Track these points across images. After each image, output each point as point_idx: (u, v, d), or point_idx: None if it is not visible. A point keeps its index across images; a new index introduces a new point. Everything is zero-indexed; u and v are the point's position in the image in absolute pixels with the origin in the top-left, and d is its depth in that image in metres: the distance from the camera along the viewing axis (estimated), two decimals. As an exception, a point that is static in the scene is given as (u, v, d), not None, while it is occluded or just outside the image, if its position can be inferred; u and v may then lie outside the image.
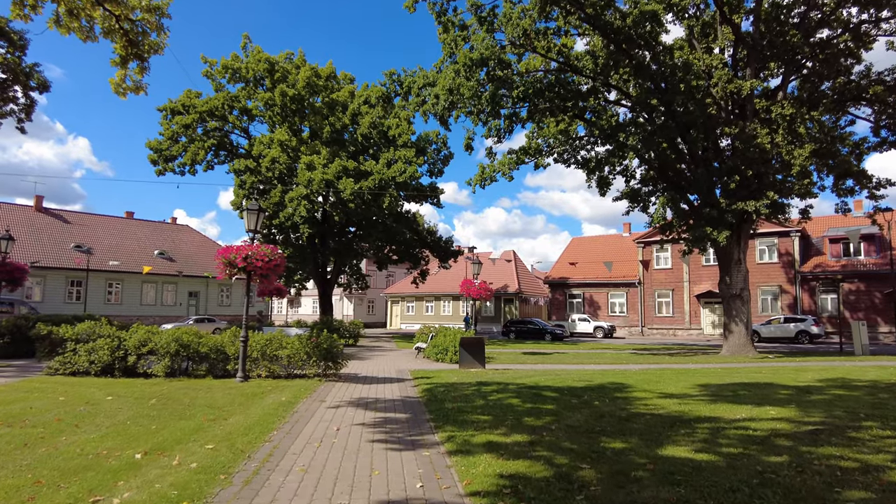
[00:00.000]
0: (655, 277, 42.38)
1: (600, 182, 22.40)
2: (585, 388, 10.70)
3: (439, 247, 37.17)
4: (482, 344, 14.21)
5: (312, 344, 11.87)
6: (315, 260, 34.45)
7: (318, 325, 25.90)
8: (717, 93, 20.79)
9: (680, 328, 41.05)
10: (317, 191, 27.12)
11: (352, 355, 19.61)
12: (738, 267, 21.51)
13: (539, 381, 11.54)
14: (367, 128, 30.88)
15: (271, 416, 7.53)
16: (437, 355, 16.92)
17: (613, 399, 9.36)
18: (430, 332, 19.83)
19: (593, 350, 24.77)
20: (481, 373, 13.39)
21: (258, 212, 11.46)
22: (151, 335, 11.54)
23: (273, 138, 29.88)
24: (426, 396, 9.52)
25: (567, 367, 16.13)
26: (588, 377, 12.66)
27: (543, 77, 21.79)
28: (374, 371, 14.21)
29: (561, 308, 45.52)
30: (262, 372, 11.82)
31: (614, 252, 45.77)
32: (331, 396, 9.56)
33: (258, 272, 10.93)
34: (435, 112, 20.95)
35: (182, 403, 8.62)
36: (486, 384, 11.00)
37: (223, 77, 32.12)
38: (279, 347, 11.98)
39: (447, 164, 37.11)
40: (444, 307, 52.92)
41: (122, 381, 10.81)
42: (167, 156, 31.41)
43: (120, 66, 9.38)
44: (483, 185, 26.73)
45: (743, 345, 21.17)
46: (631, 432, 6.72)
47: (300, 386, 10.67)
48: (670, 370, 14.88)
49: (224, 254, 10.90)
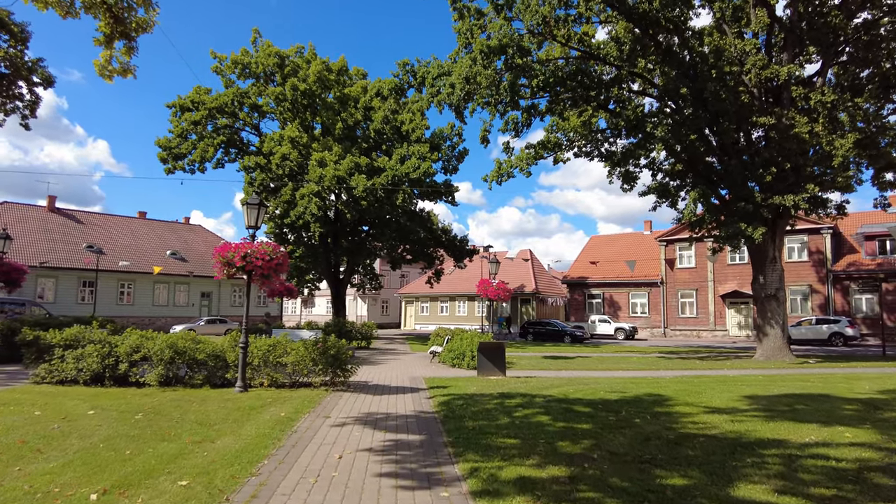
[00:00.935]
0: (678, 277, 40.94)
1: (626, 176, 21.17)
2: (620, 400, 9.58)
3: (454, 246, 36.13)
4: (502, 350, 13.13)
5: (319, 350, 10.90)
6: (327, 260, 33.61)
7: (329, 326, 25.03)
8: (750, 80, 19.47)
9: (704, 329, 39.57)
10: (328, 188, 26.22)
11: (363, 359, 18.66)
12: (772, 266, 20.17)
13: (568, 393, 10.44)
14: (380, 123, 29.91)
15: (265, 439, 6.55)
16: (454, 360, 15.88)
17: (655, 415, 8.24)
18: (445, 336, 18.82)
19: (617, 353, 23.56)
20: (502, 381, 12.32)
21: (258, 206, 10.51)
22: (145, 340, 10.65)
23: (283, 135, 29.06)
24: (443, 411, 8.49)
25: (593, 373, 14.99)
26: (620, 387, 11.52)
27: (565, 65, 20.63)
28: (386, 378, 13.21)
29: (580, 309, 44.22)
30: (264, 380, 10.87)
31: (635, 251, 44.37)
32: (336, 410, 8.56)
33: (258, 272, 9.98)
34: (450, 102, 19.91)
35: (170, 419, 7.69)
36: (509, 396, 9.93)
37: (233, 73, 31.40)
38: (283, 354, 11.03)
39: (462, 160, 36.03)
40: (460, 308, 51.88)
41: (112, 392, 9.92)
42: (177, 153, 30.76)
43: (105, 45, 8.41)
44: (500, 182, 25.73)
45: (779, 348, 19.83)
46: (688, 462, 5.62)
47: (304, 397, 9.69)
48: (707, 378, 13.67)
49: (221, 252, 9.97)
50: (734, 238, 18.85)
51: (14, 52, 20.20)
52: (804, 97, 18.96)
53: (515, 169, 25.65)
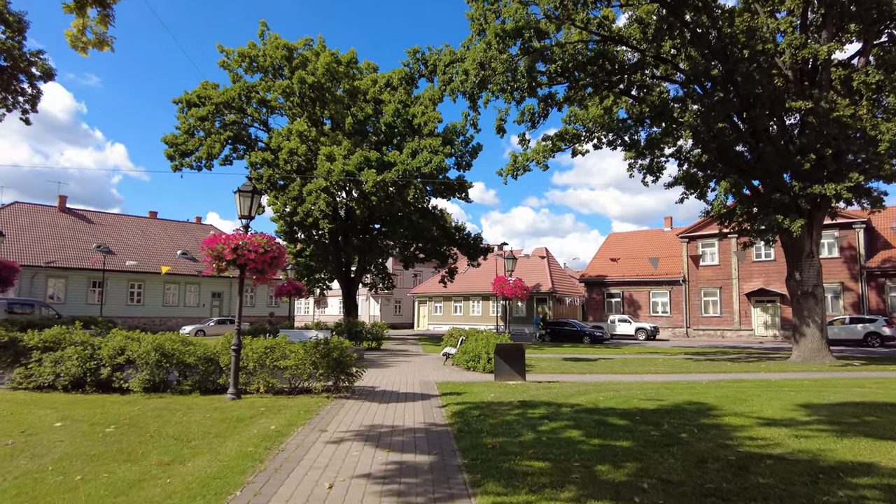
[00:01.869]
0: (701, 274, 39.39)
1: (651, 167, 19.91)
2: (659, 410, 8.42)
3: (468, 244, 35.04)
4: (522, 352, 12.01)
5: (320, 353, 9.88)
6: (338, 258, 32.69)
7: (339, 327, 24.07)
8: (784, 62, 18.16)
9: (728, 329, 38.00)
10: (336, 183, 25.27)
11: (373, 361, 17.64)
12: (809, 261, 18.80)
13: (597, 401, 9.30)
14: (391, 116, 28.91)
15: (246, 460, 5.52)
16: (468, 363, 14.78)
17: (703, 429, 7.08)
18: (459, 336, 17.73)
19: (641, 355, 22.28)
20: (522, 387, 11.20)
21: (252, 194, 9.51)
22: (130, 342, 9.71)
23: (292, 129, 28.18)
24: (457, 424, 7.40)
25: (620, 378, 13.81)
26: (654, 393, 10.35)
27: (585, 49, 19.43)
28: (395, 383, 12.16)
29: (598, 308, 42.85)
30: (261, 386, 9.87)
31: (655, 248, 42.89)
32: (335, 422, 7.52)
33: (251, 266, 8.98)
34: (464, 90, 18.83)
35: (145, 433, 6.71)
36: (531, 405, 8.81)
37: (240, 66, 30.61)
38: (281, 357, 10.02)
39: (476, 156, 34.91)
40: (474, 307, 50.75)
41: (91, 399, 8.99)
42: (183, 150, 30.03)
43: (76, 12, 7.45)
44: (515, 175, 24.66)
45: (817, 350, 18.46)
46: (764, 496, 4.48)
47: (301, 406, 8.67)
48: (746, 382, 12.43)
49: (210, 244, 8.99)
50: (769, 231, 17.54)
51: (11, 44, 19.51)
52: (845, 79, 17.59)
53: (532, 162, 24.58)
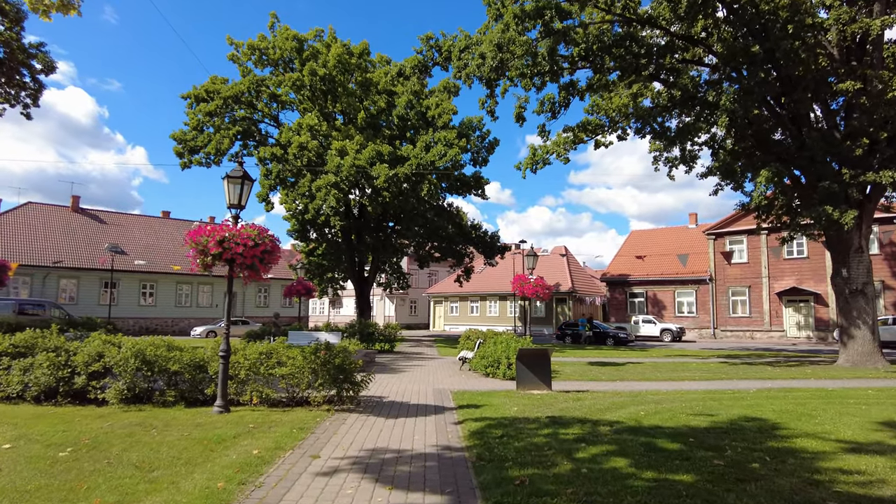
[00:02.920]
0: (729, 273, 37.65)
1: (683, 156, 18.47)
2: (714, 429, 7.13)
3: (485, 242, 33.81)
4: (547, 358, 10.74)
5: (320, 360, 8.74)
6: (351, 257, 31.65)
7: (350, 328, 23.01)
8: (830, 39, 16.65)
9: (758, 330, 36.23)
10: (347, 178, 24.18)
11: (384, 366, 16.50)
12: (858, 256, 17.25)
13: (639, 417, 8.01)
14: (404, 108, 27.78)
15: (210, 500, 4.38)
16: (487, 369, 13.55)
17: (775, 455, 5.79)
18: (476, 339, 16.51)
19: (670, 358, 20.85)
20: (548, 398, 9.94)
21: (241, 180, 8.40)
22: (108, 347, 8.66)
23: (302, 123, 27.20)
24: (476, 448, 6.19)
25: (655, 385, 12.48)
26: (701, 406, 9.03)
27: (610, 29, 18.06)
28: (407, 392, 10.98)
29: (621, 308, 41.28)
30: (253, 397, 8.76)
31: (680, 246, 41.20)
32: (332, 445, 6.35)
33: (239, 260, 7.87)
34: (480, 75, 17.60)
35: (104, 458, 5.61)
36: (562, 423, 7.56)
37: (249, 59, 29.72)
38: (276, 364, 8.91)
39: (492, 151, 33.68)
40: (491, 308, 49.45)
41: (60, 413, 7.94)
42: (192, 147, 29.21)
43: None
44: (535, 169, 23.41)
45: (869, 353, 16.90)
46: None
47: (295, 422, 7.53)
48: (801, 392, 11.02)
49: (194, 236, 7.90)
50: (817, 224, 16.04)
51: (10, 35, 18.75)
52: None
53: (552, 155, 23.32)
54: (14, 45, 18.83)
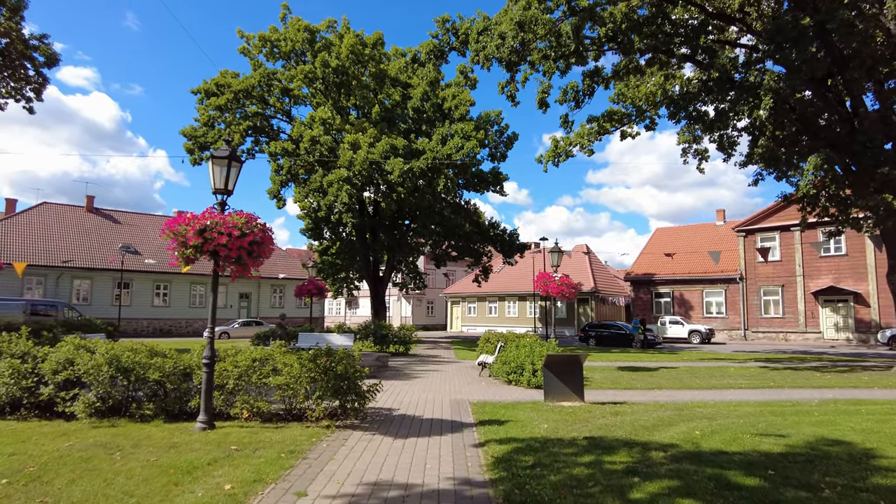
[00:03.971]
0: (760, 272, 35.83)
1: (721, 143, 17.00)
2: (791, 456, 5.81)
3: (503, 240, 32.46)
4: (579, 365, 9.46)
5: (320, 367, 7.61)
6: (365, 256, 30.55)
7: (364, 330, 21.93)
8: (888, 11, 15.08)
9: (792, 331, 34.38)
10: (360, 173, 23.08)
11: (397, 371, 15.35)
12: (917, 252, 15.66)
13: (694, 437, 6.72)
14: (419, 100, 26.58)
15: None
16: (509, 375, 12.30)
17: (890, 497, 4.49)
18: (497, 342, 15.27)
19: (705, 362, 19.37)
20: (582, 412, 8.68)
21: (228, 161, 7.29)
22: (81, 353, 7.62)
23: (314, 116, 26.19)
24: (503, 483, 4.97)
25: (698, 394, 11.12)
26: (762, 423, 7.70)
27: (640, 5, 16.70)
28: (420, 402, 9.79)
29: (646, 309, 39.64)
30: (243, 411, 7.65)
31: (708, 243, 39.44)
32: (324, 476, 5.18)
33: (224, 253, 6.76)
34: (500, 56, 16.37)
35: (41, 494, 4.53)
36: (605, 446, 6.30)
37: (260, 52, 28.80)
38: (272, 373, 7.80)
39: (511, 146, 32.31)
40: (510, 308, 48.09)
41: (20, 429, 6.90)
42: (202, 143, 28.34)
43: None
44: (557, 162, 22.22)
45: (931, 359, 15.29)
46: None
47: (287, 443, 6.38)
48: (873, 404, 9.59)
49: (172, 226, 6.82)
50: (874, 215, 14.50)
51: (9, 24, 18.01)
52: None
53: (575, 147, 22.11)
54: (14, 35, 18.09)
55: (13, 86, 20.04)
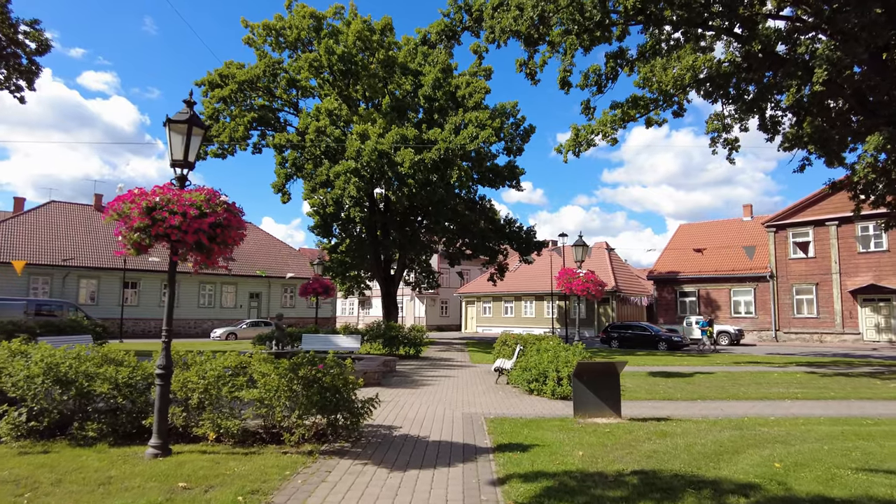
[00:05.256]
0: (793, 269, 33.81)
1: (763, 123, 15.34)
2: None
3: (520, 238, 30.94)
4: (615, 375, 7.96)
5: (303, 379, 6.22)
6: (376, 254, 29.20)
7: (371, 331, 20.60)
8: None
9: (828, 332, 32.33)
10: (367, 163, 21.72)
11: (405, 377, 13.94)
12: None
13: (775, 472, 5.19)
14: (431, 88, 25.18)
15: None
16: (530, 384, 10.80)
17: None
18: (514, 345, 13.80)
19: (741, 366, 17.71)
20: (621, 431, 7.18)
21: (188, 126, 5.91)
22: (10, 362, 6.33)
23: (321, 107, 24.95)
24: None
25: (752, 407, 9.54)
26: (852, 448, 6.15)
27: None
28: (427, 417, 8.36)
29: (670, 309, 37.80)
30: (209, 431, 6.29)
31: (735, 239, 37.47)
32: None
33: (177, 237, 5.40)
34: (517, 30, 14.89)
35: None
36: (661, 485, 4.80)
37: (265, 42, 27.61)
38: (245, 385, 6.44)
39: (527, 139, 30.83)
40: (526, 308, 46.48)
41: (-69, 455, 5.62)
42: (206, 137, 27.28)
43: None
44: (577, 152, 20.88)
45: None
46: None
47: (252, 476, 4.99)
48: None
49: (115, 205, 5.49)
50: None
51: (-6, 7, 16.98)
52: None
53: (597, 135, 20.74)
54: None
55: (3, 73, 19.05)
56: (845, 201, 32.64)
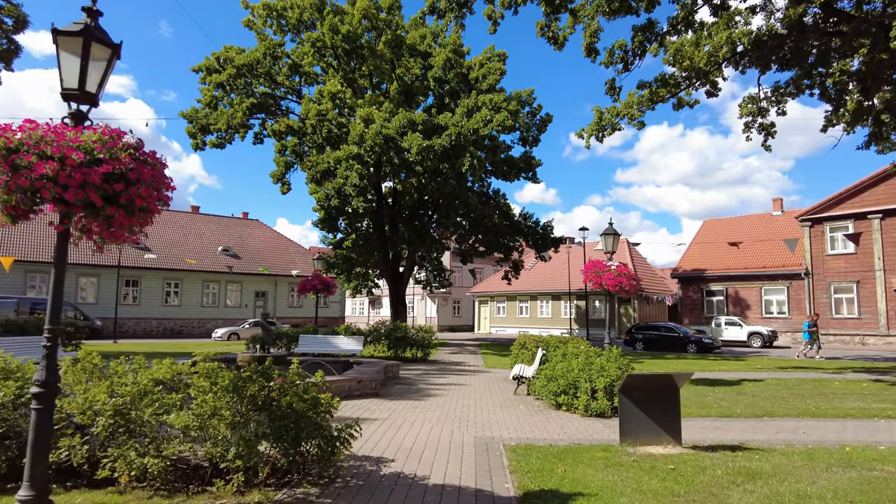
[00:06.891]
0: (830, 266, 31.47)
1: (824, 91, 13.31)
2: None
3: (536, 234, 29.03)
4: (675, 391, 6.08)
5: (254, 400, 4.45)
6: (384, 250, 27.41)
7: (375, 332, 18.83)
8: None
9: (871, 334, 29.98)
10: (371, 148, 19.96)
11: (409, 384, 12.13)
12: None
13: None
14: (441, 69, 23.38)
15: None
16: (557, 397, 8.90)
17: None
18: (535, 348, 11.93)
19: (787, 372, 15.64)
20: (687, 467, 5.30)
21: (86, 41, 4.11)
22: None
23: (323, 91, 23.25)
24: None
25: (838, 427, 7.59)
26: None
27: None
28: (426, 445, 6.52)
29: (696, 308, 35.60)
30: (123, 471, 4.52)
31: (765, 235, 35.19)
32: None
33: (49, 194, 3.65)
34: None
35: None
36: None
37: (266, 24, 25.95)
38: (179, 405, 4.67)
39: (544, 129, 28.98)
40: (542, 308, 44.47)
41: None
42: (203, 125, 25.73)
43: None
44: (600, 137, 19.26)
45: None
46: None
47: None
48: None
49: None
50: None
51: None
52: None
53: (623, 119, 19.08)
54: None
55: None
56: (890, 192, 30.33)
